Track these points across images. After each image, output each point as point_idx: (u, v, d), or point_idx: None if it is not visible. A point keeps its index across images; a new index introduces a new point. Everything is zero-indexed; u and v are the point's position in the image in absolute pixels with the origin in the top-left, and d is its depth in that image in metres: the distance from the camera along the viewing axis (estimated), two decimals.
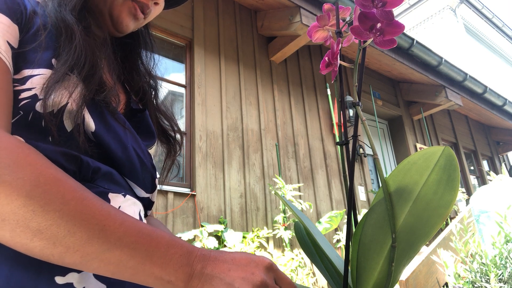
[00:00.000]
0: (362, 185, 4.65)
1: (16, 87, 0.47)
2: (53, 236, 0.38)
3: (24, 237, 0.38)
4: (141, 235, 0.43)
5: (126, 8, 0.62)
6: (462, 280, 1.95)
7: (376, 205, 0.49)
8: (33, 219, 0.37)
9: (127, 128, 0.58)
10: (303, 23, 3.65)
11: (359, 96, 0.50)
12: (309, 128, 4.32)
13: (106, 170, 0.52)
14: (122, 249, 0.41)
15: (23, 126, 0.46)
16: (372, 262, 0.49)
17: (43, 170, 0.40)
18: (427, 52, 5.12)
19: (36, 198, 0.38)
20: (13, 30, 0.48)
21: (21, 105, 0.46)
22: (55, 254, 0.39)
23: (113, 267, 0.41)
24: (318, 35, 0.58)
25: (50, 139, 0.47)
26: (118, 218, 0.42)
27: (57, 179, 0.40)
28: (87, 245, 0.39)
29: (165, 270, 0.42)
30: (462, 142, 6.95)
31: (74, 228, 0.39)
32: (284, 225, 3.32)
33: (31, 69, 0.48)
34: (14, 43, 0.48)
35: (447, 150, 0.46)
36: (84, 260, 0.40)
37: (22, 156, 0.39)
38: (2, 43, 0.46)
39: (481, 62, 10.72)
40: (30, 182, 0.38)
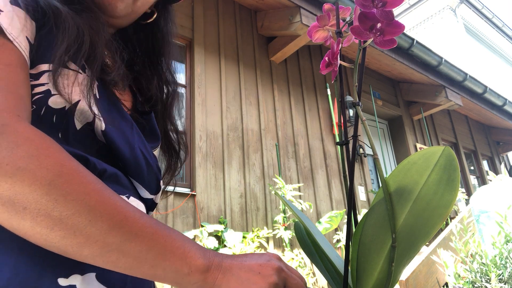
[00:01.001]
0: (362, 185, 4.65)
1: (31, 82, 0.48)
2: (74, 226, 0.38)
3: (45, 225, 0.38)
4: (160, 228, 0.43)
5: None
6: (462, 280, 1.95)
7: (376, 205, 0.49)
8: (55, 208, 0.38)
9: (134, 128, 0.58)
10: (303, 23, 3.65)
11: (359, 96, 0.50)
12: (309, 128, 4.32)
13: (112, 171, 0.52)
14: (142, 239, 0.41)
15: (35, 120, 0.47)
16: (372, 262, 0.49)
17: (65, 162, 0.40)
18: (427, 52, 5.12)
19: (59, 187, 0.38)
20: (30, 26, 0.49)
21: (34, 100, 0.47)
22: (74, 244, 0.39)
23: (132, 259, 0.41)
24: (318, 35, 0.58)
25: (59, 136, 0.48)
26: (137, 212, 0.43)
27: (79, 170, 0.41)
28: (108, 235, 0.40)
29: (184, 261, 0.43)
30: (462, 142, 6.95)
31: (96, 218, 0.39)
32: (284, 225, 3.32)
33: (44, 64, 0.49)
34: (32, 39, 0.49)
35: (447, 150, 0.46)
36: (103, 251, 0.40)
37: (45, 146, 0.40)
38: (22, 39, 0.47)
39: (481, 62, 10.72)
40: (53, 171, 0.38)
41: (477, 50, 11.01)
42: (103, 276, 0.47)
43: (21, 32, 0.47)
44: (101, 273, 0.47)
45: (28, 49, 0.48)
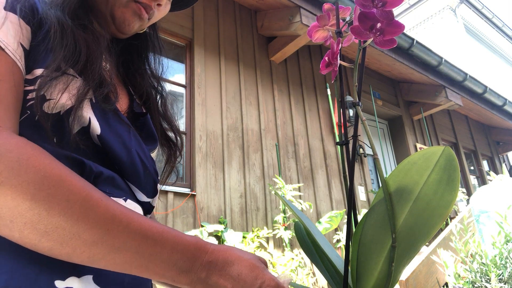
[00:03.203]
0: (362, 185, 4.65)
1: (26, 87, 0.47)
2: (59, 238, 0.39)
3: (33, 238, 0.39)
4: (145, 238, 0.43)
5: (130, 9, 0.61)
6: (462, 280, 1.95)
7: (376, 205, 0.49)
8: (40, 222, 0.38)
9: (131, 131, 0.58)
10: (303, 23, 3.65)
11: (359, 96, 0.50)
12: (309, 128, 4.32)
13: (109, 174, 0.52)
14: (126, 252, 0.42)
15: (29, 125, 0.46)
16: (372, 262, 0.49)
17: (48, 171, 0.40)
18: (427, 52, 5.12)
19: (41, 201, 0.38)
20: (26, 32, 0.49)
21: (29, 105, 0.47)
22: (63, 254, 0.40)
23: (119, 267, 0.43)
24: (318, 35, 0.58)
25: (55, 140, 0.48)
26: (124, 221, 0.42)
27: (62, 180, 0.40)
28: (92, 247, 0.40)
29: (168, 273, 0.44)
30: (462, 142, 6.95)
31: (79, 231, 0.40)
32: (284, 225, 3.32)
33: (40, 69, 0.48)
34: (27, 45, 0.49)
35: (447, 150, 0.46)
36: (91, 260, 0.41)
37: (26, 157, 0.39)
38: (16, 46, 0.47)
39: (481, 62, 10.72)
40: (34, 185, 0.38)
41: (477, 50, 11.00)
42: (100, 278, 0.47)
43: (14, 39, 0.47)
44: (98, 275, 0.47)
45: (22, 56, 0.47)
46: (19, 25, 0.48)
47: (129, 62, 0.71)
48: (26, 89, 0.47)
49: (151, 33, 0.74)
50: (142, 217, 0.45)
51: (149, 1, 0.62)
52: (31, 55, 0.49)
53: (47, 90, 0.47)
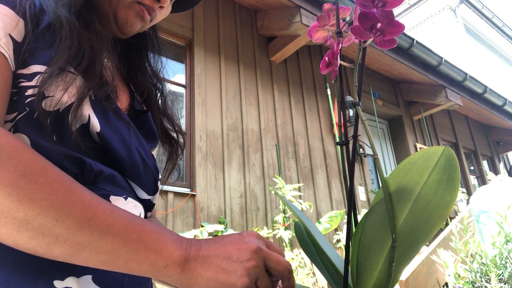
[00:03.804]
0: (362, 185, 4.65)
1: (23, 83, 0.47)
2: (41, 226, 0.37)
3: (11, 228, 0.37)
4: (132, 222, 0.42)
5: (133, 10, 0.62)
6: (462, 280, 1.95)
7: (376, 205, 0.49)
8: (19, 209, 0.37)
9: (131, 128, 0.57)
10: (303, 23, 3.65)
11: (359, 96, 0.50)
12: (309, 128, 4.32)
13: (109, 172, 0.51)
14: (114, 235, 0.40)
15: (28, 123, 0.46)
16: (372, 262, 0.49)
17: (30, 161, 0.39)
18: (427, 52, 5.12)
19: (22, 187, 0.37)
20: (18, 24, 0.48)
21: (27, 102, 0.46)
22: (43, 245, 0.38)
23: (105, 255, 0.40)
24: (318, 35, 0.58)
25: (54, 138, 0.47)
26: (108, 207, 0.42)
27: (45, 169, 0.40)
28: (77, 234, 0.39)
29: (160, 255, 0.42)
30: (462, 142, 6.95)
31: (64, 217, 0.38)
32: (284, 225, 3.32)
33: (38, 65, 0.48)
34: (18, 37, 0.48)
35: (447, 150, 0.46)
36: (74, 250, 0.39)
37: (7, 147, 0.38)
38: (3, 35, 0.46)
39: (481, 62, 10.72)
40: (16, 172, 0.37)
41: (477, 50, 11.00)
42: (100, 278, 0.47)
43: (2, 30, 0.46)
44: (97, 275, 0.47)
45: (11, 47, 0.47)
46: (9, 17, 0.47)
47: (130, 60, 0.71)
48: (24, 85, 0.47)
49: (150, 32, 0.74)
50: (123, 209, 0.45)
51: (151, 3, 0.62)
52: (27, 49, 0.48)
53: (47, 87, 0.47)
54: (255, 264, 0.44)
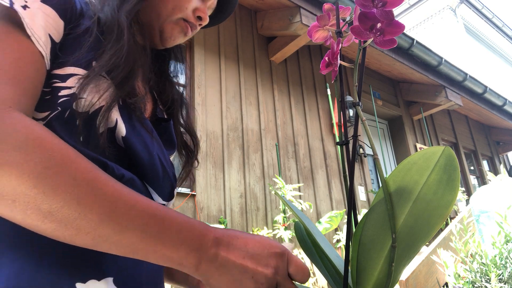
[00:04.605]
0: (362, 185, 4.65)
1: (57, 83, 0.48)
2: (64, 218, 0.38)
3: (36, 218, 0.38)
4: (153, 217, 0.42)
5: (179, 26, 0.66)
6: (462, 280, 1.95)
7: (376, 205, 0.49)
8: (44, 201, 0.37)
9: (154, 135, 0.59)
10: (303, 23, 3.65)
11: (359, 96, 0.50)
12: (309, 128, 4.32)
13: (129, 177, 0.52)
14: (133, 231, 0.41)
15: (59, 122, 0.47)
16: (372, 262, 0.49)
17: (55, 152, 0.39)
18: (427, 52, 5.12)
19: (47, 179, 0.38)
20: (58, 25, 0.50)
21: (60, 102, 0.48)
22: (66, 235, 0.39)
23: (125, 249, 0.41)
24: (318, 35, 0.58)
25: (81, 139, 0.48)
26: (130, 200, 0.42)
27: (70, 160, 0.40)
28: (98, 228, 0.39)
29: (176, 253, 0.42)
30: (462, 142, 6.95)
31: (85, 211, 0.39)
32: (284, 225, 3.32)
33: (73, 67, 0.50)
34: (57, 38, 0.50)
35: (447, 150, 0.46)
36: (95, 242, 0.40)
37: (33, 137, 0.39)
38: (43, 34, 0.48)
39: (481, 62, 10.72)
40: (41, 163, 0.38)
41: (477, 50, 11.00)
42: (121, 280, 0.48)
43: (43, 29, 0.48)
44: (118, 277, 0.48)
45: (48, 46, 0.48)
46: (52, 18, 0.49)
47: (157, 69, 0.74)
48: (58, 85, 0.48)
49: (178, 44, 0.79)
50: (148, 199, 0.44)
51: (196, 21, 0.67)
52: (63, 50, 0.50)
53: (81, 89, 0.48)
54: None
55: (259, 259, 0.45)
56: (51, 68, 0.49)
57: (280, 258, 0.46)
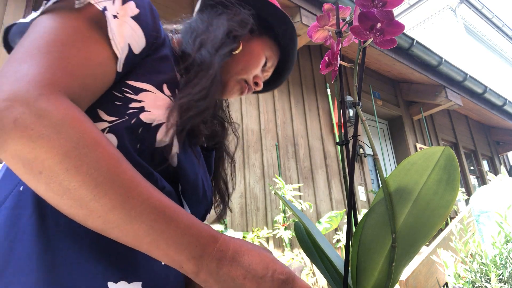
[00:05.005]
0: (362, 185, 4.65)
1: (129, 94, 0.53)
2: (80, 198, 0.40)
3: (56, 192, 0.40)
4: (162, 214, 0.43)
5: (239, 85, 0.77)
6: (462, 280, 1.95)
7: (376, 205, 0.49)
8: (65, 178, 0.40)
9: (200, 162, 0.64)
10: (303, 23, 3.65)
11: (359, 96, 0.50)
12: (309, 128, 4.32)
13: (169, 190, 0.55)
14: (140, 224, 0.42)
15: (123, 128, 0.50)
16: (372, 262, 0.49)
17: (86, 134, 0.42)
18: (427, 52, 5.12)
19: (72, 158, 0.40)
20: (140, 41, 0.55)
21: (129, 112, 0.52)
22: (80, 215, 0.41)
23: (131, 239, 0.42)
24: (318, 35, 0.58)
25: (138, 146, 0.52)
26: (145, 193, 0.43)
27: (98, 144, 0.42)
28: (109, 213, 0.41)
29: (177, 256, 0.43)
30: (462, 142, 6.95)
31: (100, 194, 0.40)
32: (284, 225, 3.32)
33: (147, 84, 0.55)
34: (136, 49, 0.54)
35: (447, 150, 0.46)
36: (105, 227, 0.42)
37: (70, 118, 0.42)
38: (123, 41, 0.52)
39: (481, 62, 10.72)
40: (71, 143, 0.40)
41: (477, 50, 11.00)
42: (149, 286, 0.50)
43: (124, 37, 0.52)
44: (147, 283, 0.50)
45: (125, 53, 0.52)
46: (137, 34, 0.54)
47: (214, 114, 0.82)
48: (129, 96, 0.53)
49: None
50: (164, 195, 0.45)
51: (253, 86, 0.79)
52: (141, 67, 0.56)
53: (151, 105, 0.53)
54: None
55: (260, 282, 0.44)
56: (126, 78, 0.54)
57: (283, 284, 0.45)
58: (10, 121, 0.39)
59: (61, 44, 0.46)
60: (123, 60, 0.52)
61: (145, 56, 0.57)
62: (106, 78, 0.51)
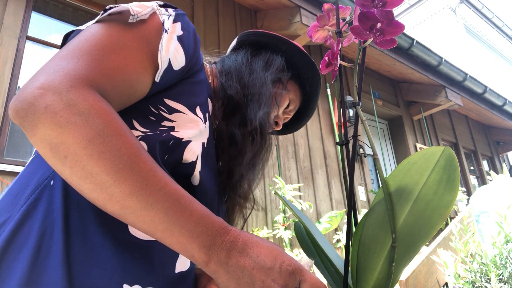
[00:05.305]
0: (362, 185, 4.65)
1: (163, 113, 0.56)
2: (101, 183, 0.42)
3: (80, 176, 0.42)
4: (177, 203, 0.45)
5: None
6: (462, 280, 1.95)
7: (376, 205, 0.49)
8: (89, 163, 0.42)
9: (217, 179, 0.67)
10: (303, 23, 3.65)
11: (359, 96, 0.50)
12: (309, 128, 4.32)
13: None
14: (156, 211, 0.44)
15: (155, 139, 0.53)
16: (372, 262, 0.49)
17: (111, 124, 0.44)
18: (427, 52, 5.12)
19: (96, 144, 0.42)
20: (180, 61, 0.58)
21: (160, 129, 0.55)
22: (100, 199, 0.43)
23: (146, 225, 0.44)
24: (318, 35, 0.58)
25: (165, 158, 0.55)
26: (162, 182, 0.45)
27: (120, 134, 0.44)
28: (127, 199, 0.43)
29: (190, 244, 0.45)
30: (462, 142, 6.95)
31: (120, 180, 0.43)
32: (284, 225, 3.32)
33: (181, 105, 0.58)
34: (175, 66, 0.57)
35: (447, 150, 0.46)
36: (123, 212, 0.43)
37: (97, 108, 0.44)
38: (166, 55, 0.55)
39: (481, 62, 10.72)
40: (96, 130, 0.43)
41: (477, 50, 11.00)
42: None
43: (168, 52, 0.55)
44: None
45: (165, 66, 0.55)
46: (179, 54, 0.58)
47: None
48: (163, 115, 0.56)
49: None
50: (179, 186, 0.47)
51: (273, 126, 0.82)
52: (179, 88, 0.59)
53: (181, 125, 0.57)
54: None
55: (269, 273, 0.45)
56: (164, 95, 0.57)
57: (291, 276, 0.46)
58: (41, 107, 0.42)
59: (102, 48, 0.50)
60: (162, 72, 0.55)
61: (183, 77, 0.60)
62: (140, 86, 0.53)
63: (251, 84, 0.73)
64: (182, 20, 0.60)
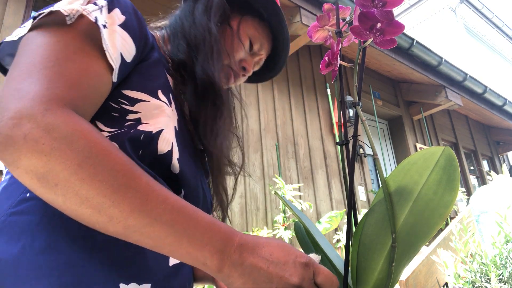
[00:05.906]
0: (362, 185, 4.65)
1: (125, 106, 0.54)
2: (98, 205, 0.41)
3: (74, 202, 0.40)
4: (181, 214, 0.44)
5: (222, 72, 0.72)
6: (462, 280, 1.95)
7: (376, 205, 0.49)
8: (82, 187, 0.40)
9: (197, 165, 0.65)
10: (303, 23, 3.65)
11: (359, 96, 0.50)
12: (309, 128, 4.32)
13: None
14: (161, 225, 0.42)
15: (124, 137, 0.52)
16: (372, 262, 0.49)
17: (97, 144, 0.42)
18: (427, 52, 5.12)
19: (86, 167, 0.41)
20: (131, 48, 0.55)
21: (127, 124, 0.53)
22: (100, 222, 0.41)
23: (153, 241, 0.43)
24: (318, 35, 0.58)
25: (139, 153, 0.53)
26: (162, 195, 0.44)
27: (109, 152, 0.43)
28: (129, 218, 0.41)
29: (200, 252, 0.44)
30: (462, 142, 6.94)
31: (119, 200, 0.41)
32: (284, 225, 3.32)
33: (141, 93, 0.55)
34: (128, 58, 0.54)
35: (447, 150, 0.46)
36: (126, 231, 0.42)
37: (79, 129, 0.42)
38: (115, 51, 0.52)
39: (481, 62, 10.72)
40: (83, 152, 0.41)
41: (477, 50, 11.00)
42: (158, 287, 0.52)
43: (116, 47, 0.52)
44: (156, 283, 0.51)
45: (118, 62, 0.52)
46: (127, 43, 0.54)
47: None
48: (126, 108, 0.53)
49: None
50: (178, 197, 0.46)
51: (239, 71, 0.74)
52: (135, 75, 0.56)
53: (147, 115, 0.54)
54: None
55: (285, 269, 0.45)
56: (121, 87, 0.54)
57: (306, 268, 0.46)
58: (20, 138, 0.39)
59: (56, 59, 0.46)
60: (117, 70, 0.52)
61: (137, 63, 0.57)
62: (104, 88, 0.51)
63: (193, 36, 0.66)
64: (118, 4, 0.55)
